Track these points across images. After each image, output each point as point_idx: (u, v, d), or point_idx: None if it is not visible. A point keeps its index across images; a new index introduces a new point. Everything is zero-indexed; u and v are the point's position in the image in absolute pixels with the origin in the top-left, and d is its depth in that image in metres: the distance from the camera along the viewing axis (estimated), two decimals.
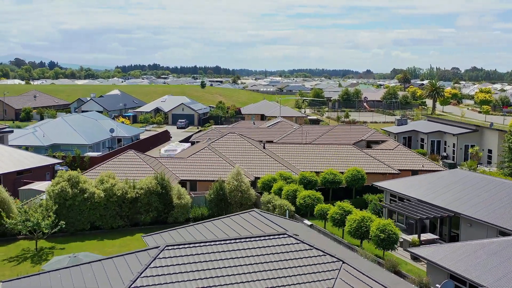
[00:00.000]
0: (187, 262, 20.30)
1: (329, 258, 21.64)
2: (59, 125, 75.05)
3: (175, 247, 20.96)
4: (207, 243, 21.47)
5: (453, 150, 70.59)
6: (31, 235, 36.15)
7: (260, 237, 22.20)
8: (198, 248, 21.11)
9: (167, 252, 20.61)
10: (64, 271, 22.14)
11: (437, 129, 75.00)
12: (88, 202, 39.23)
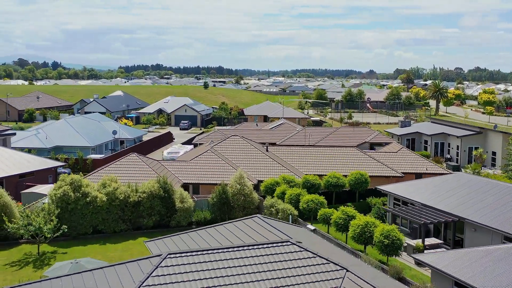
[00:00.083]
0: (189, 271, 20.13)
1: (332, 266, 21.43)
2: (62, 127, 74.95)
3: (177, 255, 20.79)
4: (209, 251, 21.28)
5: (457, 152, 70.25)
6: (33, 239, 36.02)
7: (263, 245, 22.00)
8: (201, 256, 20.93)
9: (169, 260, 20.43)
10: (66, 278, 21.98)
11: (440, 131, 74.69)
12: (91, 206, 39.10)
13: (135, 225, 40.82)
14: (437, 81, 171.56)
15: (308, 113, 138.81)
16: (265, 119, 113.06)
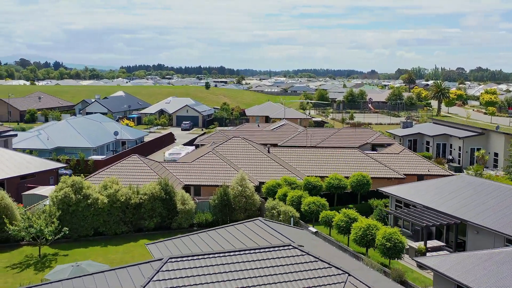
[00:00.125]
0: (190, 275, 20.03)
1: (334, 271, 21.32)
2: (63, 128, 74.92)
3: (178, 259, 20.69)
4: (211, 255, 21.18)
5: (459, 154, 70.09)
6: (34, 241, 35.96)
7: (265, 249, 21.89)
8: (202, 260, 20.82)
9: (170, 264, 20.34)
10: (67, 282, 21.91)
11: (442, 132, 74.53)
12: (92, 208, 39.04)
13: (136, 227, 40.75)
14: (439, 81, 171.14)
15: (309, 113, 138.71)
16: (267, 119, 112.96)
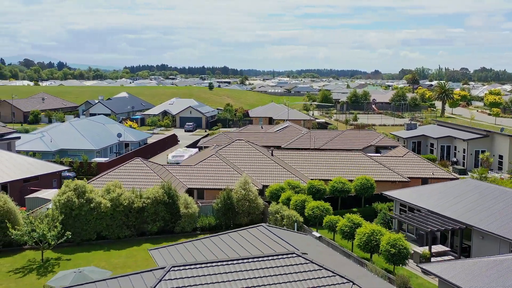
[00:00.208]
0: (193, 284, 19.85)
1: (338, 279, 21.10)
2: (66, 129, 74.85)
3: (181, 268, 20.52)
4: (213, 263, 21.00)
5: (463, 156, 69.69)
6: (37, 246, 35.84)
7: (268, 257, 21.70)
8: (205, 269, 20.64)
9: (173, 273, 20.16)
10: None
11: (447, 134, 74.14)
12: (95, 212, 38.91)
13: (139, 231, 40.59)
14: (443, 82, 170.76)
15: (313, 114, 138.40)
16: (270, 121, 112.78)
